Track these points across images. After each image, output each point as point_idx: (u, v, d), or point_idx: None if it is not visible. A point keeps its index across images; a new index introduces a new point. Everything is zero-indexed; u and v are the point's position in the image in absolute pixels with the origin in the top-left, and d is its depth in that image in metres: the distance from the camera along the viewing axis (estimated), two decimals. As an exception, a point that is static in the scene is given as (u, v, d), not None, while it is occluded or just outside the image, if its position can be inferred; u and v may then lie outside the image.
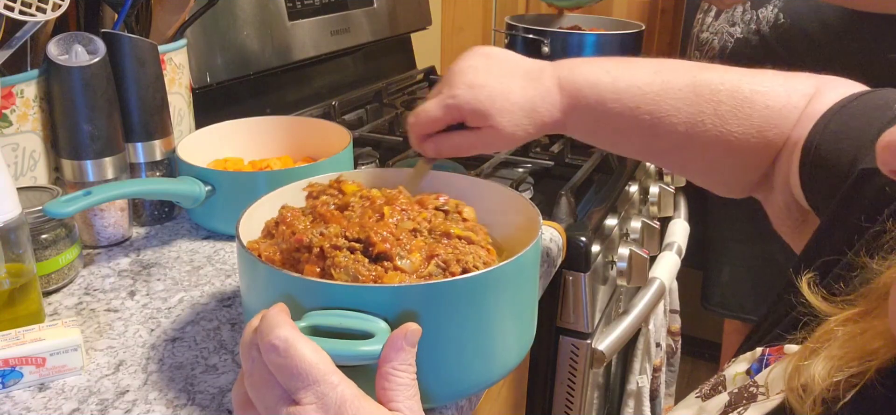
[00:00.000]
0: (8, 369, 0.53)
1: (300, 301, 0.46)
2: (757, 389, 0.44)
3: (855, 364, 0.36)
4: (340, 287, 0.46)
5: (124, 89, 0.76)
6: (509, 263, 0.49)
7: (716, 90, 0.58)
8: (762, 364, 0.46)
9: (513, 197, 0.61)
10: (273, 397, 0.41)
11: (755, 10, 1.25)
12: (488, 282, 0.48)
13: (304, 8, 1.22)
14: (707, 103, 0.58)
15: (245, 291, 0.53)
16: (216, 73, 1.04)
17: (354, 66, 1.42)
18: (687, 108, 0.58)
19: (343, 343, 0.43)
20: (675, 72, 0.59)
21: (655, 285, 0.98)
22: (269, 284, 0.48)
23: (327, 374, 0.40)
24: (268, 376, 0.41)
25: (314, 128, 0.90)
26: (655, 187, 1.14)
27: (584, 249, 0.81)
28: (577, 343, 0.86)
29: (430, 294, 0.46)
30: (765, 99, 0.57)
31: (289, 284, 0.47)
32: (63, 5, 0.67)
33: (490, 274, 0.48)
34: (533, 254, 0.53)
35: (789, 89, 0.57)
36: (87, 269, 0.72)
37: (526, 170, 0.98)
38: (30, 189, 0.68)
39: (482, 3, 1.96)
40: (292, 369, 0.40)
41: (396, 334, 0.43)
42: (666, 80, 0.59)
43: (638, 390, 1.05)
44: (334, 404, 0.40)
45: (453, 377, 0.49)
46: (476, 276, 0.48)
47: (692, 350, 2.25)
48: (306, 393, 0.40)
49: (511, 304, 0.51)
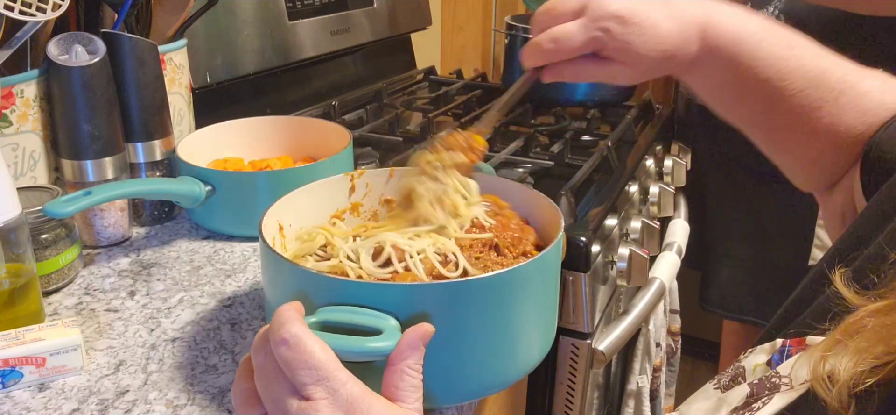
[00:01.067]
0: (8, 369, 0.53)
1: (312, 297, 0.46)
2: (780, 379, 0.43)
3: (883, 356, 0.36)
4: (352, 284, 0.46)
5: (124, 89, 0.76)
6: (526, 265, 0.49)
7: (841, 79, 0.57)
8: (783, 356, 0.46)
9: (535, 197, 0.62)
10: (281, 390, 0.41)
11: (755, 10, 1.24)
12: (500, 283, 0.48)
13: (304, 8, 1.22)
14: (830, 91, 0.57)
15: (265, 286, 0.54)
16: (216, 73, 1.04)
17: (354, 66, 1.42)
18: (812, 91, 0.57)
19: (353, 339, 0.43)
20: (807, 52, 0.58)
21: (655, 285, 0.98)
22: (284, 277, 0.49)
23: (335, 370, 0.40)
24: (277, 370, 0.41)
25: (314, 128, 0.90)
26: (655, 187, 1.14)
27: (584, 249, 0.81)
28: (577, 343, 0.86)
29: (443, 294, 0.46)
30: (882, 96, 0.57)
31: (302, 279, 0.48)
32: (63, 5, 0.67)
33: (501, 276, 0.48)
34: (552, 255, 0.52)
35: (885, 87, 0.57)
36: (87, 269, 0.72)
37: (526, 170, 0.98)
38: (30, 189, 0.68)
39: (482, 3, 1.96)
40: (301, 363, 0.40)
41: (414, 333, 0.43)
42: (800, 58, 0.58)
43: (638, 390, 1.05)
44: (345, 400, 0.40)
45: (461, 379, 0.49)
46: (486, 278, 0.48)
47: (692, 350, 2.25)
48: (316, 388, 0.40)
49: (527, 306, 0.50)
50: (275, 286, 0.52)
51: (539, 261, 0.50)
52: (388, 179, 0.66)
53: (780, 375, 0.44)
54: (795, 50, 0.58)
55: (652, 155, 1.19)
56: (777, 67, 0.57)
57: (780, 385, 0.43)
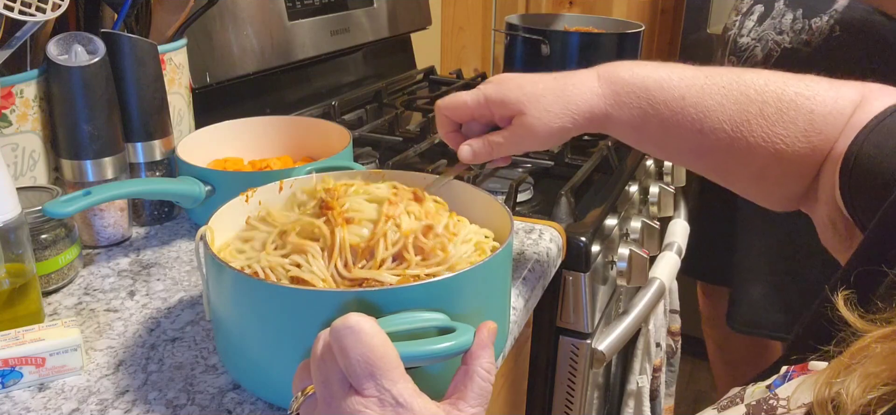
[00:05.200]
0: (8, 369, 0.53)
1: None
2: (777, 402, 0.43)
3: (892, 382, 0.35)
4: (395, 290, 0.46)
5: (124, 89, 0.76)
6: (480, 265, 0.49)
7: (761, 90, 0.56)
8: (784, 379, 0.45)
9: (486, 200, 0.61)
10: (333, 372, 0.41)
11: (807, 19, 1.16)
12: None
13: (304, 8, 1.22)
14: (752, 103, 0.56)
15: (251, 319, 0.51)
16: (216, 73, 1.04)
17: (354, 66, 1.42)
18: (732, 105, 0.57)
19: (426, 342, 0.43)
20: (719, 71, 0.58)
21: (655, 285, 0.98)
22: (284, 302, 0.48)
23: (390, 368, 0.40)
24: (333, 357, 0.41)
25: (314, 128, 0.90)
26: (655, 187, 1.14)
27: (584, 249, 0.81)
28: (577, 343, 0.86)
29: (475, 278, 0.47)
30: (810, 103, 0.55)
31: (337, 297, 0.46)
32: (63, 5, 0.67)
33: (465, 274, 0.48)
34: (502, 258, 0.53)
35: (835, 95, 0.56)
36: (86, 269, 0.72)
37: (526, 170, 0.98)
38: (29, 189, 0.68)
39: (482, 3, 1.96)
40: (358, 354, 0.39)
41: (486, 330, 0.43)
42: (709, 76, 0.57)
43: (638, 390, 1.05)
44: (394, 399, 0.39)
45: None
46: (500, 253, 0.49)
47: (692, 350, 2.25)
48: (368, 382, 0.40)
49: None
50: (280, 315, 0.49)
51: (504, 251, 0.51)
52: (278, 191, 0.64)
53: (778, 397, 0.43)
54: (703, 71, 0.58)
55: (652, 155, 1.18)
56: (688, 86, 0.58)
57: (777, 408, 0.42)
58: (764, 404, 0.43)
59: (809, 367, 0.44)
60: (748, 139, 0.57)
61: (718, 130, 0.57)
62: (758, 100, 0.56)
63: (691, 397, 2.11)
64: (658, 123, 0.59)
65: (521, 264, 0.73)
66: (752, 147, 0.57)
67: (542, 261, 0.75)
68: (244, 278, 0.49)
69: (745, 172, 0.60)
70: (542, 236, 0.79)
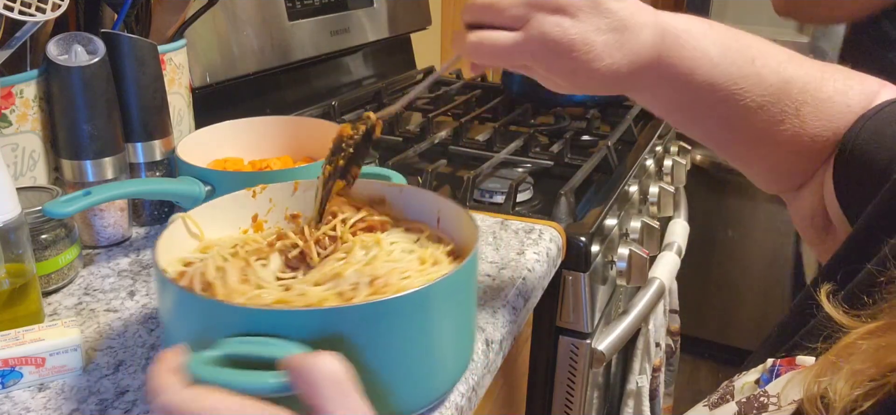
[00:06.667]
0: (7, 369, 0.53)
1: (215, 328, 0.42)
2: (768, 398, 0.43)
3: (878, 378, 0.35)
4: (258, 312, 0.42)
5: (124, 89, 0.76)
6: (439, 282, 0.45)
7: (802, 89, 0.54)
8: (773, 375, 0.45)
9: (450, 207, 0.58)
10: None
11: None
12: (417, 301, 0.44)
13: (304, 8, 1.22)
14: (791, 103, 0.54)
15: (165, 318, 0.49)
16: (216, 73, 1.04)
17: (354, 66, 1.42)
18: (773, 106, 0.54)
19: (248, 375, 0.39)
20: (770, 63, 0.55)
21: (655, 285, 0.98)
22: (183, 308, 0.46)
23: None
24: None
25: (314, 128, 0.90)
26: (655, 187, 1.14)
27: (583, 249, 0.82)
28: (577, 343, 0.86)
29: (355, 315, 0.42)
30: (845, 99, 0.55)
31: (203, 308, 0.44)
32: (63, 5, 0.67)
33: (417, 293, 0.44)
34: (466, 272, 0.49)
35: (862, 90, 0.55)
36: (86, 269, 0.72)
37: (526, 170, 0.98)
38: (29, 189, 0.68)
39: (482, 3, 1.96)
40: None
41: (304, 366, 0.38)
42: (759, 73, 0.54)
43: (637, 389, 1.05)
44: None
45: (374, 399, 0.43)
46: (402, 297, 0.43)
47: (692, 350, 2.25)
48: None
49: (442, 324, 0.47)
50: (168, 315, 0.47)
51: (454, 275, 0.46)
52: (293, 192, 0.62)
53: (768, 394, 0.43)
54: (757, 63, 0.54)
55: (652, 155, 1.19)
56: (733, 89, 0.54)
57: (767, 404, 0.43)
58: (754, 401, 0.43)
59: (797, 362, 0.44)
60: (777, 136, 0.56)
61: (750, 127, 0.56)
62: (798, 99, 0.54)
63: (691, 397, 2.11)
64: (687, 118, 0.58)
65: (521, 264, 0.73)
66: (780, 143, 0.56)
67: (542, 261, 0.75)
68: (162, 278, 0.46)
69: (763, 164, 0.60)
70: (542, 236, 0.79)
